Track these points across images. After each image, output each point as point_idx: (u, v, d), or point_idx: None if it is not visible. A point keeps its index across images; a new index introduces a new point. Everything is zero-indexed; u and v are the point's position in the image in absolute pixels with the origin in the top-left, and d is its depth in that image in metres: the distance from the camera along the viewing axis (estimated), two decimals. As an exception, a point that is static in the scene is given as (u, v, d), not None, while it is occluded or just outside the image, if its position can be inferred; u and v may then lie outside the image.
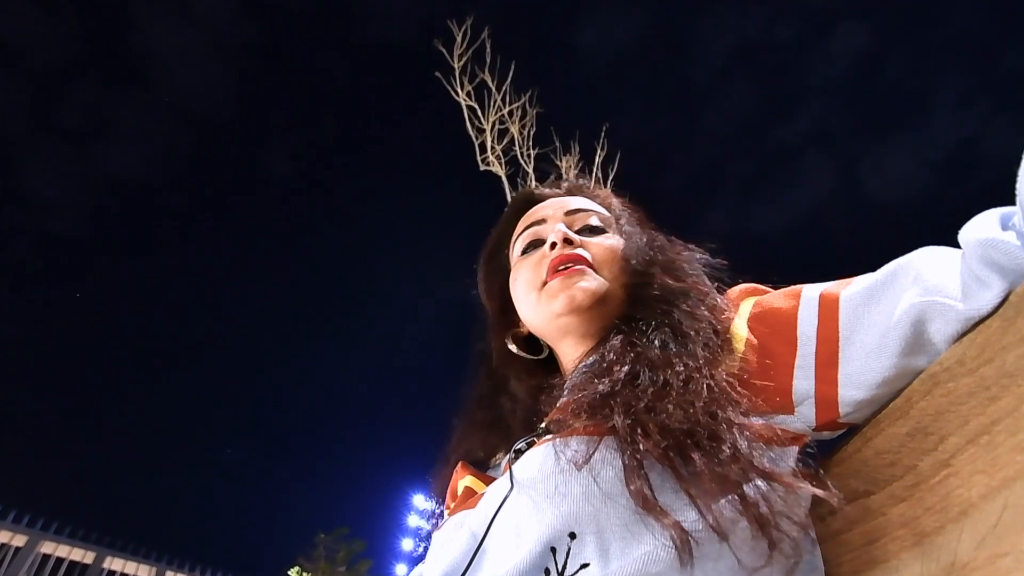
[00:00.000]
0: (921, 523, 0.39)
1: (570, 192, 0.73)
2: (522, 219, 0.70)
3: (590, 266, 0.60)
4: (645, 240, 0.64)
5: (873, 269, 0.47)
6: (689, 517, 0.40)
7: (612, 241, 0.63)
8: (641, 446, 0.43)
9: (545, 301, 0.61)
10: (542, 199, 0.72)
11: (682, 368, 0.47)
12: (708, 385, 0.46)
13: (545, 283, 0.61)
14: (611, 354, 0.52)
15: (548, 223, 0.66)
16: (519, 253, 0.67)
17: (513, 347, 0.68)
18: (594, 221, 0.66)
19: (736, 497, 0.40)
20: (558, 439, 0.48)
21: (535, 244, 0.66)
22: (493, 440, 0.67)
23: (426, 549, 0.58)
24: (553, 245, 0.62)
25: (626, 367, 0.50)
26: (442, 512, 0.64)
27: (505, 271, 0.70)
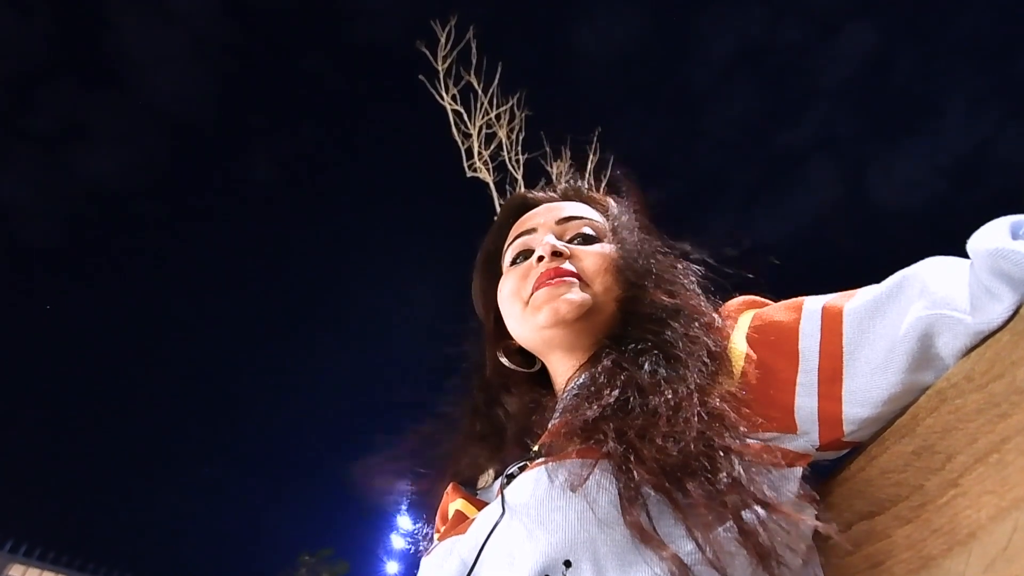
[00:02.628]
0: (928, 545, 0.38)
1: (565, 196, 0.71)
2: (515, 226, 0.69)
3: (579, 279, 0.58)
4: (641, 250, 0.62)
5: (880, 279, 0.46)
6: (687, 548, 0.39)
7: (605, 251, 0.62)
8: (636, 475, 0.41)
9: (530, 314, 0.59)
10: (536, 204, 0.70)
11: (671, 395, 0.46)
12: (699, 412, 0.44)
13: (531, 295, 0.59)
14: (601, 376, 0.51)
15: (539, 232, 0.65)
16: (508, 263, 0.66)
17: (505, 360, 0.66)
18: (587, 230, 0.64)
19: (735, 527, 0.39)
20: (551, 463, 0.46)
21: (524, 255, 0.65)
22: (486, 453, 0.64)
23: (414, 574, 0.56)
24: (540, 258, 0.60)
25: (616, 391, 0.48)
26: (431, 535, 0.62)
27: (498, 279, 0.68)
